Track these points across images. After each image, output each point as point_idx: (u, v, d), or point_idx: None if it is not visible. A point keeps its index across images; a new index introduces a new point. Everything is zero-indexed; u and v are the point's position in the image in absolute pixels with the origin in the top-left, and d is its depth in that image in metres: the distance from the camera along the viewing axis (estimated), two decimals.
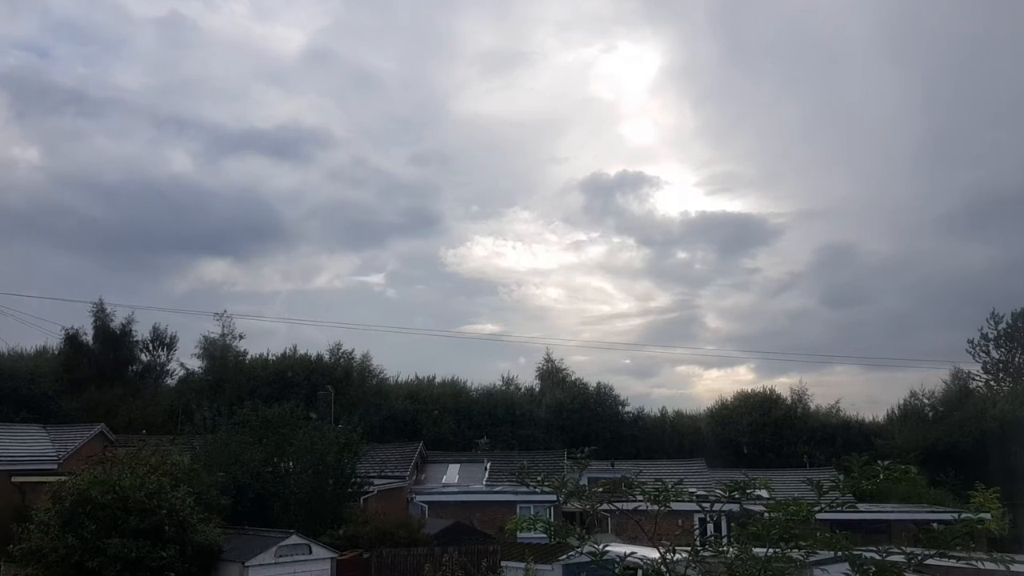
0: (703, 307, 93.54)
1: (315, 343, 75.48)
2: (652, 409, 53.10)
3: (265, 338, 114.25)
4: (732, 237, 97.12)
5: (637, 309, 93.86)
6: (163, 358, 50.36)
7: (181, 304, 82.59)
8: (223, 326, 49.51)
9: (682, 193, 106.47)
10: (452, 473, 39.10)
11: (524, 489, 29.06)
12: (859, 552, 6.09)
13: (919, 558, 6.04)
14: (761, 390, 52.49)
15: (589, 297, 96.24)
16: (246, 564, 19.28)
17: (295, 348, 50.58)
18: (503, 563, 21.46)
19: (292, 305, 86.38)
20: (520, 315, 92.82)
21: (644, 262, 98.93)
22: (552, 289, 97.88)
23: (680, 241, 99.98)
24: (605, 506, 7.27)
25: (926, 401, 51.28)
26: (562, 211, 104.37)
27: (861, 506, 27.08)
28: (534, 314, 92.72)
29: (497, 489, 34.80)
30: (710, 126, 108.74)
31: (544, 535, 8.01)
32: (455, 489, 36.29)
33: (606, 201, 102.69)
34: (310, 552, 20.66)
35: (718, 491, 7.02)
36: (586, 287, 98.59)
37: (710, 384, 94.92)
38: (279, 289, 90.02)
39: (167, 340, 50.15)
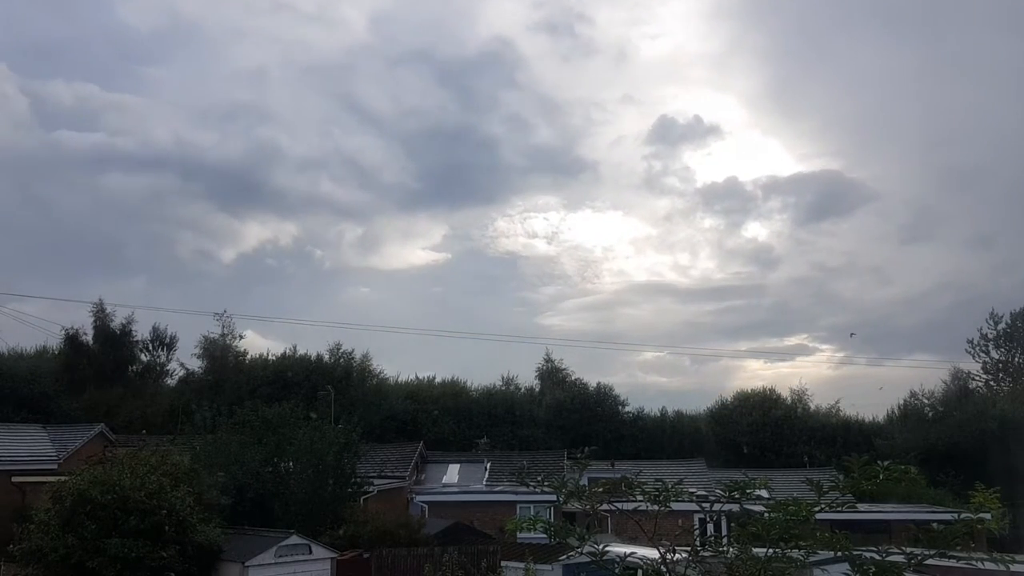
0: (775, 289, 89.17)
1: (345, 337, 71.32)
2: (653, 409, 53.15)
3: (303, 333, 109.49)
4: (816, 205, 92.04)
5: (704, 293, 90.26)
6: (163, 358, 50.37)
7: (206, 288, 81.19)
8: (223, 326, 49.59)
9: (762, 153, 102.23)
10: (452, 473, 39.09)
11: (524, 489, 29.06)
12: (859, 552, 6.09)
13: (919, 558, 6.04)
14: (761, 389, 52.55)
15: (644, 283, 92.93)
16: (246, 564, 19.28)
17: (295, 348, 50.64)
18: (503, 563, 21.39)
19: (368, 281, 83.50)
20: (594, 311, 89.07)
21: (712, 234, 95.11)
22: (608, 274, 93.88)
23: (753, 210, 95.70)
24: (605, 506, 7.26)
25: (926, 401, 51.28)
26: (619, 173, 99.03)
27: (861, 506, 27.02)
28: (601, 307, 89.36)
29: (497, 489, 34.78)
30: (791, 80, 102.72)
31: (544, 535, 7.99)
32: (455, 489, 36.27)
33: (667, 163, 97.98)
34: (310, 552, 20.66)
35: (718, 491, 7.02)
36: (643, 267, 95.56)
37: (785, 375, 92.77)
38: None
39: (167, 340, 50.15)
